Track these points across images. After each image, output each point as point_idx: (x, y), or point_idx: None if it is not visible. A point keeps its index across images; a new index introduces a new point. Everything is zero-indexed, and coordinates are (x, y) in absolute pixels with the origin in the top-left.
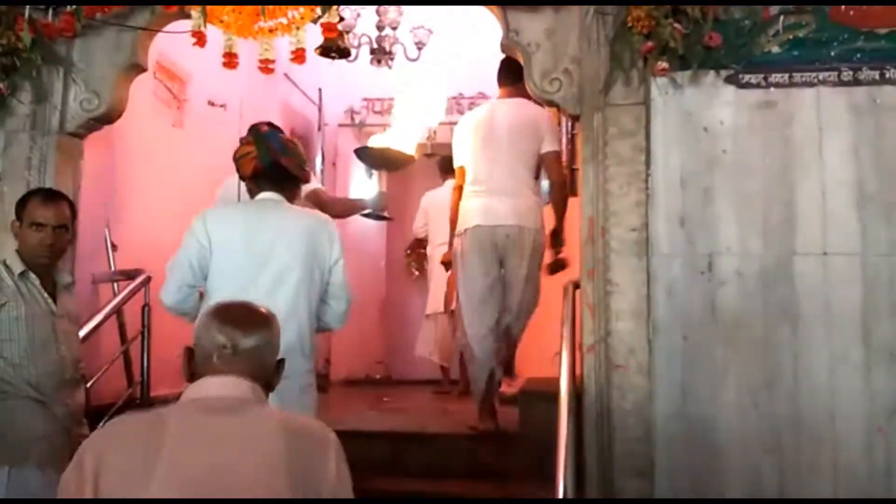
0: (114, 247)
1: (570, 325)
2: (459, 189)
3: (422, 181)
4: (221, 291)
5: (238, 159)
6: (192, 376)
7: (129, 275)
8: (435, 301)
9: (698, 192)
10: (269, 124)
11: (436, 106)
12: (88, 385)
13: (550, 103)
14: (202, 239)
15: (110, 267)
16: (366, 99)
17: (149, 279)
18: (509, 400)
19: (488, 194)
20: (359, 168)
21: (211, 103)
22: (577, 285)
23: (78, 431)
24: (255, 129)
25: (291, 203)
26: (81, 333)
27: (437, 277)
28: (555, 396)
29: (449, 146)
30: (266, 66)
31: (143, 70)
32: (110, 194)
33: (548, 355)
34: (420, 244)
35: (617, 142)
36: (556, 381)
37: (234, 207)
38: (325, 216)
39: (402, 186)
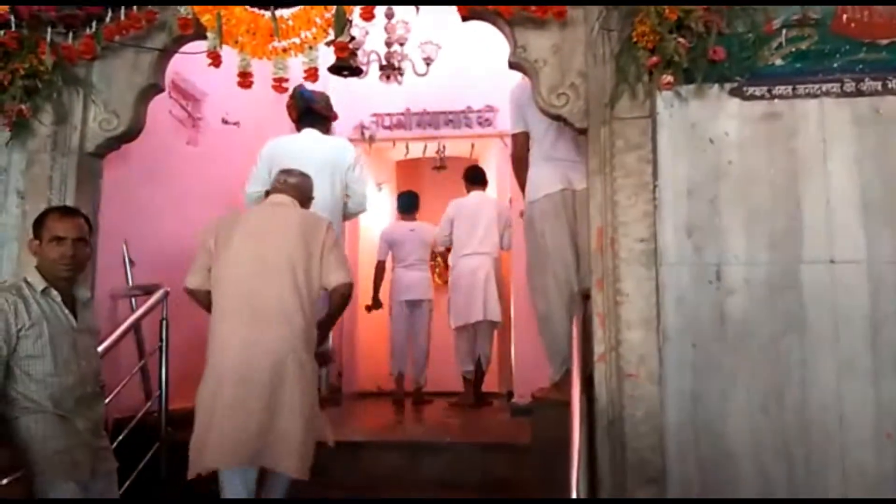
0: (131, 262)
1: (580, 335)
2: (522, 160)
3: (432, 192)
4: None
5: (288, 109)
6: (267, 194)
7: (147, 290)
8: (466, 311)
9: (705, 202)
10: (302, 85)
11: None
12: (108, 399)
13: (558, 118)
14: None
15: (128, 282)
16: (375, 114)
17: (166, 294)
18: (523, 410)
19: (565, 166)
20: (369, 183)
21: (225, 121)
22: (586, 295)
23: (98, 444)
24: (295, 89)
25: (323, 132)
26: (100, 348)
27: (467, 286)
28: (567, 405)
29: (458, 159)
30: (280, 85)
31: (161, 91)
32: (128, 211)
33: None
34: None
35: (624, 154)
36: (546, 388)
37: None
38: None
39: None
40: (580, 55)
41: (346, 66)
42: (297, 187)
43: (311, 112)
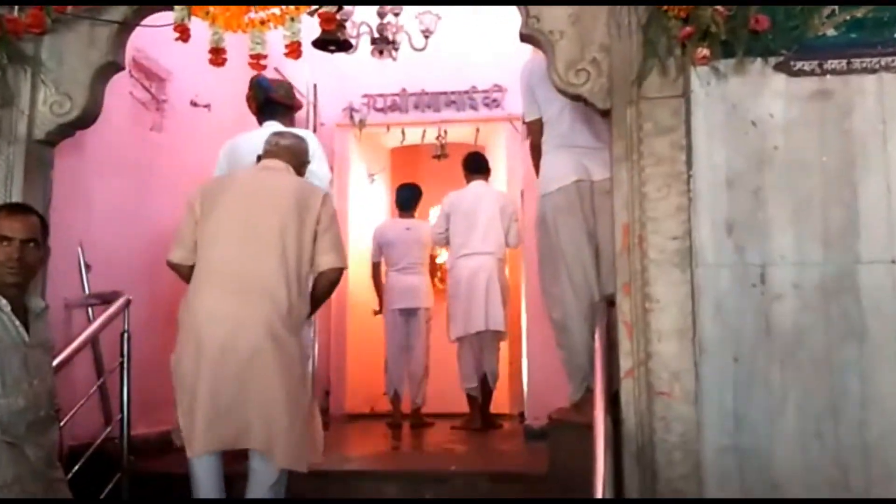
0: (87, 267)
1: (603, 348)
2: (537, 147)
3: (432, 184)
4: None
5: (248, 101)
6: (259, 159)
7: (106, 298)
8: (465, 320)
9: (747, 193)
10: (260, 74)
11: None
12: (62, 423)
13: (577, 98)
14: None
15: (84, 289)
16: (366, 95)
17: (128, 302)
18: (538, 434)
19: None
20: (360, 173)
21: (193, 103)
22: (610, 302)
23: (52, 475)
24: (252, 80)
25: (286, 125)
26: (53, 364)
27: (466, 291)
28: (589, 428)
29: (461, 146)
30: (257, 63)
31: (121, 69)
32: (83, 208)
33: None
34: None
35: (653, 139)
36: (564, 409)
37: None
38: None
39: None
40: (602, 25)
41: (333, 40)
42: (290, 150)
43: (270, 102)
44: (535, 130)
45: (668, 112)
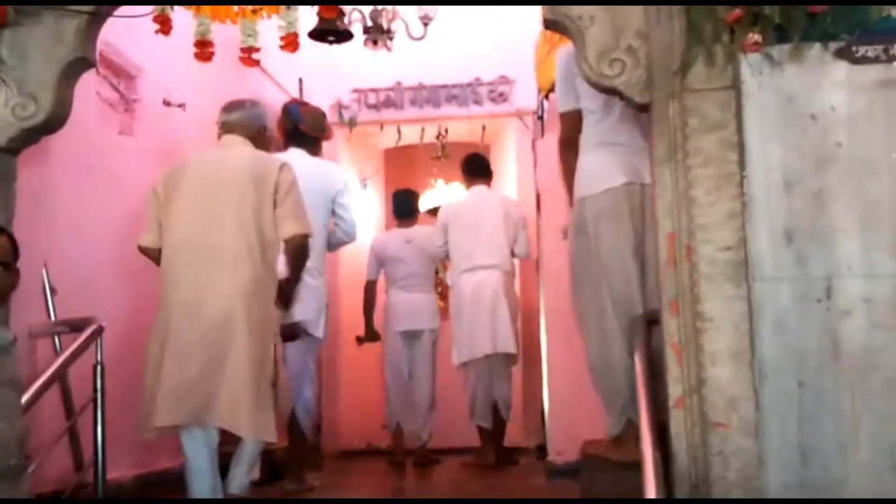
0: (52, 290)
1: (645, 373)
2: (570, 142)
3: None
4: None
5: (277, 126)
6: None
7: (76, 325)
8: (469, 343)
9: (808, 197)
10: (295, 100)
11: None
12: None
13: (611, 91)
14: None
15: (50, 316)
16: (356, 90)
17: (101, 330)
18: (562, 471)
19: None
20: (350, 178)
21: (167, 103)
22: (650, 320)
23: None
24: (285, 106)
25: (311, 154)
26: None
27: (470, 310)
28: (625, 466)
29: (464, 145)
30: (248, 57)
31: (91, 66)
32: (46, 224)
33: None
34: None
35: (700, 136)
36: (601, 443)
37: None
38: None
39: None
40: (638, 9)
41: (332, 30)
42: (241, 123)
43: (298, 133)
44: (569, 123)
45: (716, 106)
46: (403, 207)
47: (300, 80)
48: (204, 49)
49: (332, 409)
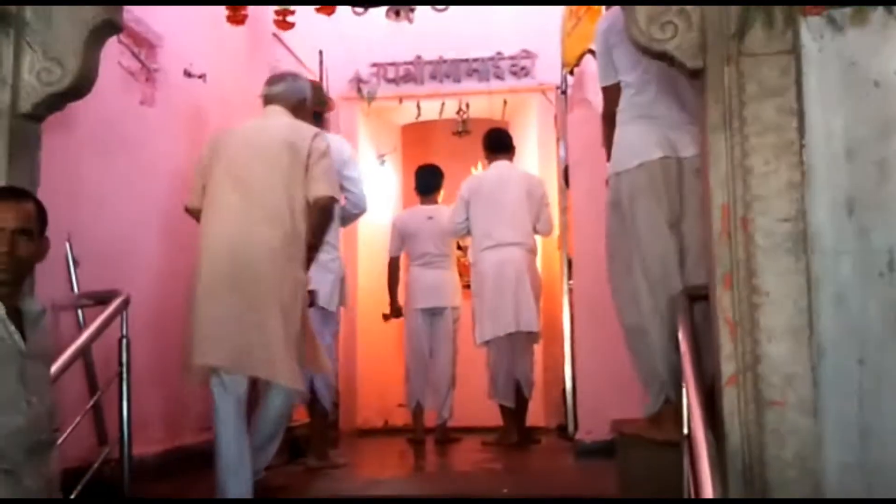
0: (76, 262)
1: (691, 350)
2: (612, 117)
3: (452, 166)
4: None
5: None
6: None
7: (100, 298)
8: (492, 321)
9: (871, 166)
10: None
11: None
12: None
13: (661, 56)
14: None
15: (73, 288)
16: (375, 64)
17: (126, 303)
18: (590, 451)
19: (667, 126)
20: (368, 153)
21: (188, 73)
22: (693, 297)
23: None
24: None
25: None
26: None
27: (493, 288)
28: (668, 445)
29: (485, 121)
30: (283, 20)
31: (118, 29)
32: (69, 194)
33: (634, 389)
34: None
35: (758, 103)
36: (639, 422)
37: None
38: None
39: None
40: None
41: None
42: (282, 95)
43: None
44: (611, 97)
45: (775, 71)
46: (426, 184)
47: (320, 53)
48: (236, 12)
49: (349, 388)
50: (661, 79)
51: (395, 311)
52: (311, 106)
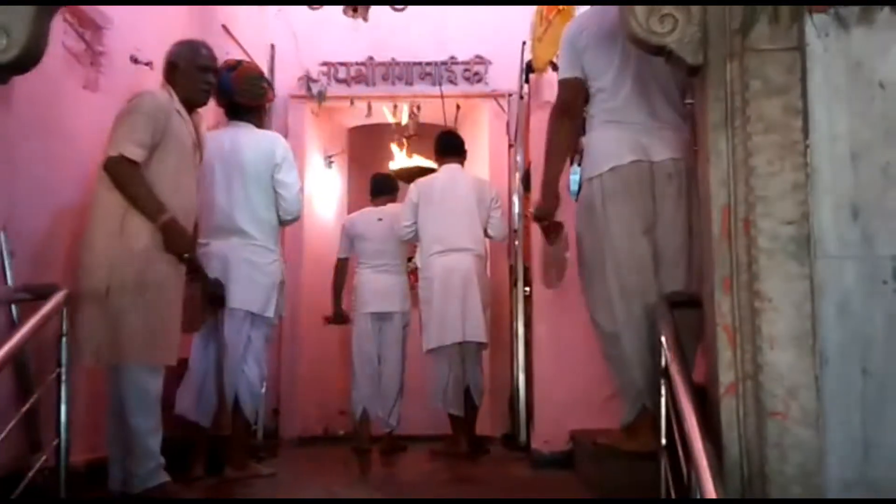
0: (11, 254)
1: (679, 358)
2: (568, 113)
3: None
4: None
5: (214, 95)
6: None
7: (39, 292)
8: (439, 329)
9: (875, 169)
10: (227, 64)
11: None
12: None
13: (659, 50)
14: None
15: (6, 281)
16: (326, 63)
17: (68, 298)
18: (549, 461)
19: (639, 131)
20: (315, 155)
21: (134, 60)
22: (674, 303)
23: None
24: (217, 76)
25: (256, 125)
26: None
27: (440, 295)
28: (643, 457)
29: (435, 126)
30: None
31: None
32: (5, 180)
33: (592, 399)
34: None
35: (763, 101)
36: (613, 432)
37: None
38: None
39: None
40: None
41: None
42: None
43: (235, 107)
44: (568, 88)
45: (780, 68)
46: (382, 187)
47: (272, 47)
48: None
49: (290, 393)
50: (634, 82)
51: (337, 317)
52: (189, 66)
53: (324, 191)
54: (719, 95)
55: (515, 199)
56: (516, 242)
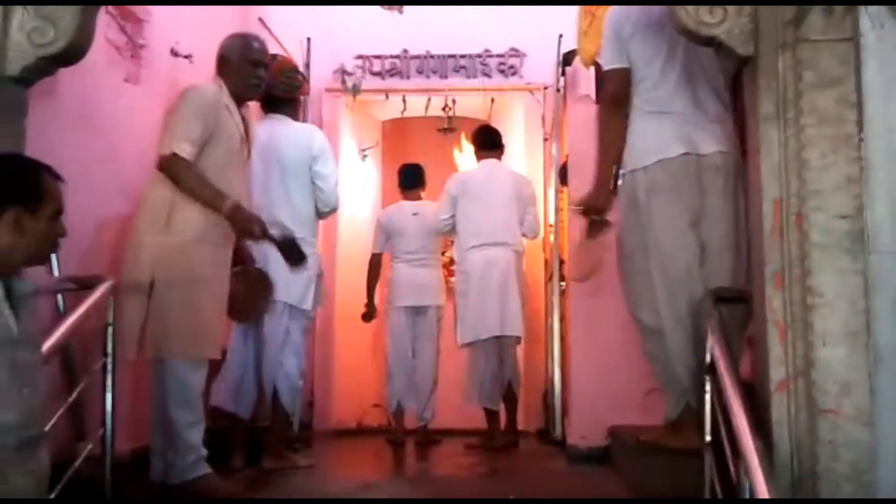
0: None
1: (726, 354)
2: (616, 101)
3: (436, 162)
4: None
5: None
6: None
7: (84, 283)
8: (475, 323)
9: None
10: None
11: None
12: None
13: (709, 41)
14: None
15: (52, 271)
16: (361, 56)
17: (114, 288)
18: (585, 457)
19: (685, 122)
20: (349, 147)
21: (174, 53)
22: (719, 298)
23: None
24: None
25: (291, 116)
26: None
27: (477, 289)
28: (688, 454)
29: (470, 120)
30: None
31: None
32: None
33: (628, 395)
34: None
35: (816, 92)
36: (655, 429)
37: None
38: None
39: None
40: None
41: None
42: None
43: (271, 99)
44: (618, 80)
45: (834, 59)
46: (410, 179)
47: (308, 40)
48: None
49: (325, 387)
50: (681, 72)
51: (370, 311)
52: (241, 61)
53: (358, 184)
54: (771, 86)
55: (551, 194)
56: (552, 237)
